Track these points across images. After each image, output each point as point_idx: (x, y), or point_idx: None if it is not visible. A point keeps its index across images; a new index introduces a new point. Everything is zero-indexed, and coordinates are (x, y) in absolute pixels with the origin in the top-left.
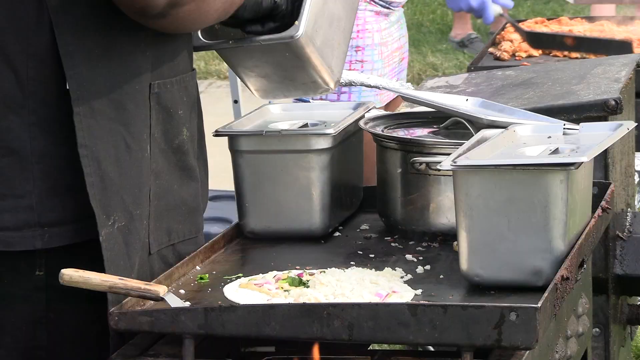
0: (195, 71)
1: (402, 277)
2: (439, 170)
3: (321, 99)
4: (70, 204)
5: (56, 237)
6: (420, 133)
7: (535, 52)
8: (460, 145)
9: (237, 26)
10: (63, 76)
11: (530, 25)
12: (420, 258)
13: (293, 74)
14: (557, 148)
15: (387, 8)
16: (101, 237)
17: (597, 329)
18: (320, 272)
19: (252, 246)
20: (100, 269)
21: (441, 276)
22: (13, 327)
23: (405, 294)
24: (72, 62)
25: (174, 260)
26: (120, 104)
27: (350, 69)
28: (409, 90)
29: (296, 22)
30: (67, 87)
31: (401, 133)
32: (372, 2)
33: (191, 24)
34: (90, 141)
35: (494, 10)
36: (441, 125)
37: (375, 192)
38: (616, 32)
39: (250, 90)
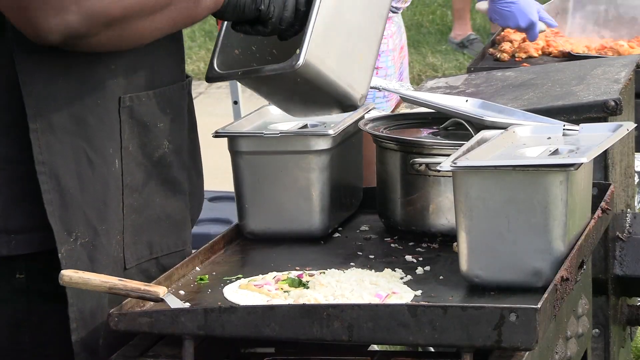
0: (188, 80)
1: (401, 278)
2: (439, 171)
3: None
4: (36, 210)
5: (22, 244)
6: (420, 134)
7: (535, 53)
8: (460, 146)
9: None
10: None
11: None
12: (420, 259)
13: (312, 97)
14: (557, 149)
15: (395, 12)
16: (60, 254)
17: (597, 330)
18: (320, 273)
19: (251, 247)
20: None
21: (441, 277)
22: None
23: (405, 295)
24: (29, 78)
25: (157, 274)
26: (81, 119)
27: None
28: (409, 91)
29: (297, 51)
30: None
31: (401, 134)
32: None
33: (123, 46)
34: (48, 157)
35: (540, 27)
36: (441, 126)
37: (375, 193)
38: None
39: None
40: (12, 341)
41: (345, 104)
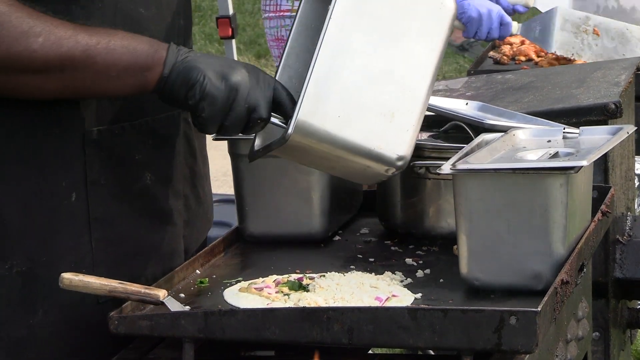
0: (178, 112)
1: (401, 281)
2: (439, 174)
3: None
4: None
5: None
6: (419, 137)
7: (535, 56)
8: (460, 149)
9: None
10: None
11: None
12: (420, 262)
13: (342, 166)
14: (557, 152)
15: None
16: None
17: (597, 333)
18: (320, 276)
19: (252, 250)
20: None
21: (441, 280)
22: None
23: (405, 298)
24: None
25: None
26: (35, 149)
27: None
28: None
29: (288, 122)
30: None
31: None
32: None
33: (5, 94)
34: None
35: (513, 27)
36: (441, 129)
37: (375, 196)
38: None
39: None
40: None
41: (380, 168)
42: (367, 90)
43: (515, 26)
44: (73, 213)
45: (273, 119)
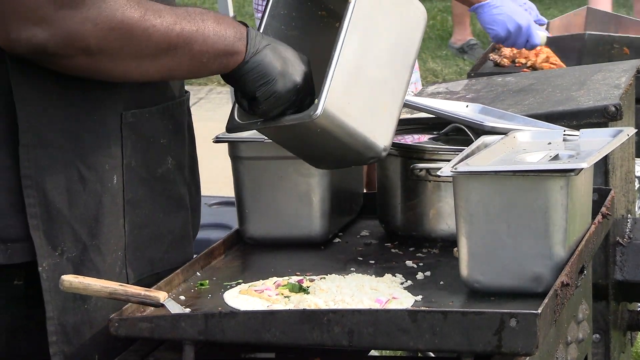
0: (188, 95)
1: (402, 283)
2: (439, 176)
3: None
4: None
5: (19, 253)
6: (420, 139)
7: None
8: (460, 151)
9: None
10: None
11: None
12: (420, 264)
13: (333, 148)
14: (557, 154)
15: None
16: (41, 268)
17: (598, 335)
18: (321, 278)
19: (252, 252)
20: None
21: (441, 282)
22: None
23: (405, 300)
24: (23, 93)
25: None
26: (75, 135)
27: None
28: (409, 96)
29: (316, 100)
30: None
31: (401, 139)
32: None
33: (103, 77)
34: (35, 172)
35: (541, 37)
36: (441, 132)
37: (375, 198)
38: None
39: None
40: (9, 347)
41: (367, 155)
42: (376, 85)
43: (543, 38)
44: (113, 196)
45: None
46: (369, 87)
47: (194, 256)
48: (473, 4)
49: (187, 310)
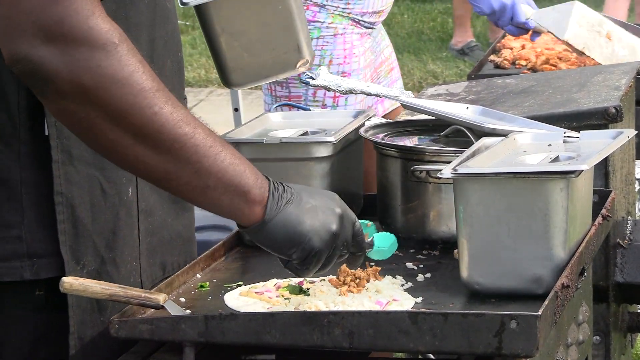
0: (186, 102)
1: (402, 285)
2: (439, 178)
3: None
4: (57, 235)
5: (45, 268)
6: (420, 141)
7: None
8: (461, 153)
9: None
10: None
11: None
12: (421, 266)
13: (278, 39)
14: (558, 156)
15: (371, 27)
16: None
17: (598, 337)
18: (321, 280)
19: (252, 254)
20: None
21: (441, 284)
22: (13, 348)
23: (405, 302)
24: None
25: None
26: None
27: (335, 97)
28: (409, 98)
29: None
30: (47, 134)
31: (401, 141)
32: (358, 25)
33: (93, 147)
34: (66, 188)
35: (527, 12)
36: (441, 133)
37: (375, 200)
38: None
39: (225, 76)
40: (30, 356)
41: (301, 56)
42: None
43: (528, 13)
44: (129, 208)
45: None
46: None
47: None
48: None
49: (188, 312)
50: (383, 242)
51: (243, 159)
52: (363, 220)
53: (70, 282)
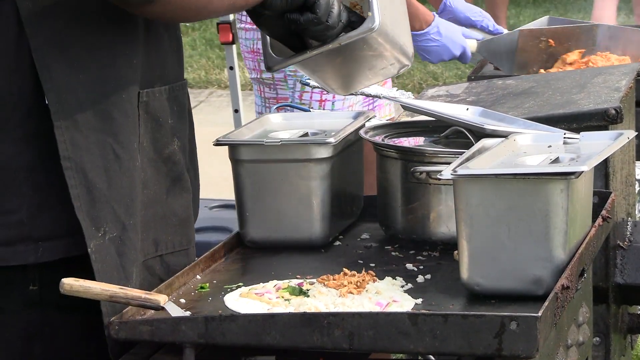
0: (186, 82)
1: (402, 287)
2: (440, 179)
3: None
4: (62, 217)
5: (49, 251)
6: (420, 142)
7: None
8: (461, 154)
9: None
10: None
11: None
12: (421, 267)
13: (373, 63)
14: (558, 157)
15: None
16: (90, 249)
17: (598, 338)
18: (320, 281)
19: (252, 255)
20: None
21: (442, 285)
22: (7, 343)
23: (405, 303)
24: (50, 75)
25: (161, 272)
26: (107, 114)
27: (322, 100)
28: (409, 99)
29: (369, 13)
30: (46, 102)
31: (401, 142)
32: None
33: (188, 14)
34: (74, 153)
35: (470, 46)
36: (441, 135)
37: (375, 201)
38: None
39: (330, 90)
40: (24, 352)
41: (401, 65)
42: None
43: (472, 47)
44: (139, 175)
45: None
46: (393, 3)
47: (195, 259)
48: (415, 29)
49: (188, 313)
50: None
51: None
52: None
53: (71, 284)
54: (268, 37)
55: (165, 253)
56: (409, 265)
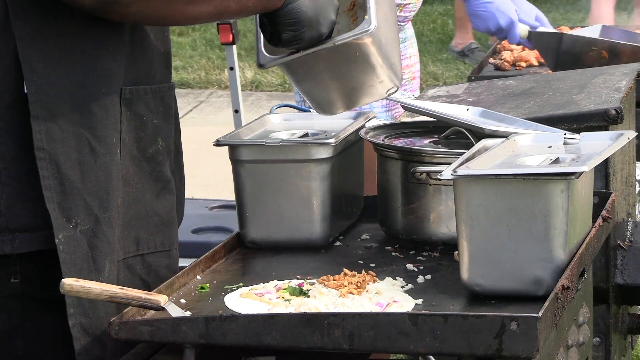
0: (174, 84)
1: (402, 287)
2: (440, 179)
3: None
4: (39, 209)
5: (26, 242)
6: (420, 143)
7: (536, 62)
8: (461, 154)
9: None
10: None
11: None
12: (421, 267)
13: (361, 79)
14: (558, 158)
15: (401, 23)
16: (57, 240)
17: (598, 339)
18: (321, 282)
19: (252, 256)
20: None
21: (442, 286)
22: None
23: (405, 304)
24: (31, 66)
25: (142, 271)
26: (85, 108)
27: None
28: (410, 99)
29: (366, 17)
30: (25, 91)
31: (402, 143)
32: None
33: (158, 22)
34: (48, 144)
35: (521, 29)
36: (442, 135)
37: (375, 201)
38: None
39: (312, 108)
40: (5, 347)
41: (389, 85)
42: (390, 22)
43: (524, 31)
44: (118, 171)
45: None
46: (385, 19)
47: (194, 259)
48: None
49: (188, 313)
50: None
51: None
52: None
53: (71, 284)
54: (262, 36)
55: (146, 252)
56: (409, 266)
